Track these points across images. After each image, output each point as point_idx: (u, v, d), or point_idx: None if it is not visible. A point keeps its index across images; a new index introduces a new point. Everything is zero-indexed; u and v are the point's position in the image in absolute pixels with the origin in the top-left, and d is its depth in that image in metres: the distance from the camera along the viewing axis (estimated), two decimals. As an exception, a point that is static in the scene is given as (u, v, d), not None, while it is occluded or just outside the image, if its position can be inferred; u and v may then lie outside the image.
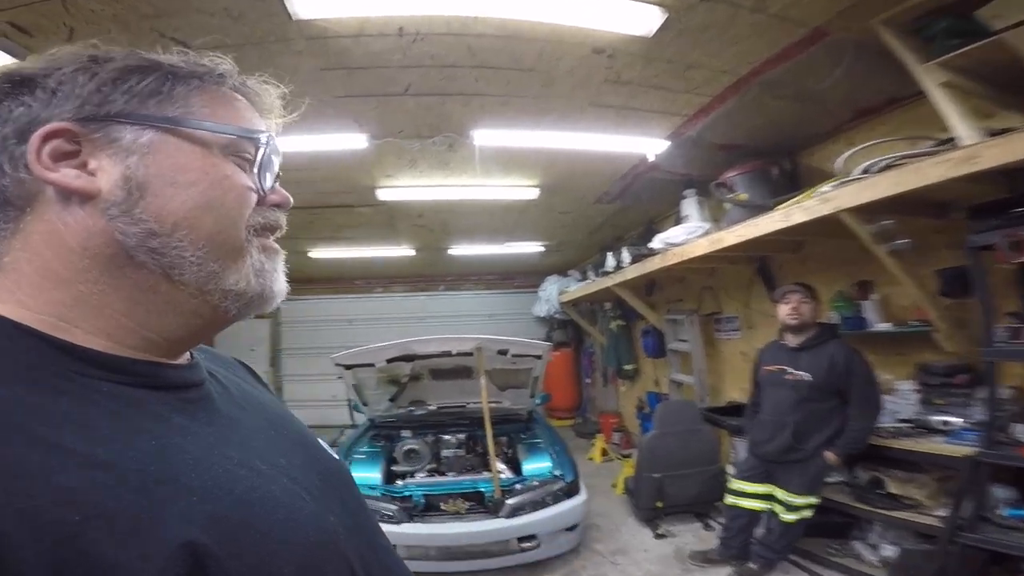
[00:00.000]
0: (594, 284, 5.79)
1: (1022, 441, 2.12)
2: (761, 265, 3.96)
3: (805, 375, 2.71)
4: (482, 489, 3.32)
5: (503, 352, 3.82)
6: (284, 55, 2.38)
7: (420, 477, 3.67)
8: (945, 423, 2.56)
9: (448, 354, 3.83)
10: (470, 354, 3.72)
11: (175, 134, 0.46)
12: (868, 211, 2.44)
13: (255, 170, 0.51)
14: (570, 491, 3.34)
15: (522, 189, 4.43)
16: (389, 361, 3.98)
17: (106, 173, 0.44)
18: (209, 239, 0.46)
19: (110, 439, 0.38)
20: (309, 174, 3.88)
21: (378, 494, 3.27)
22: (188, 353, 0.53)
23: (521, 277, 8.64)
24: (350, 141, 3.28)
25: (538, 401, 4.85)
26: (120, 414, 0.40)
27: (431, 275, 8.31)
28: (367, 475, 3.52)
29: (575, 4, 2.16)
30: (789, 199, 2.86)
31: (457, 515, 3.20)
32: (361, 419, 4.59)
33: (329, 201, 4.55)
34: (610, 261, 5.22)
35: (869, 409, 2.62)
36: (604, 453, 5.95)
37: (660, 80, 2.78)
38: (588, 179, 4.33)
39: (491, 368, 4.06)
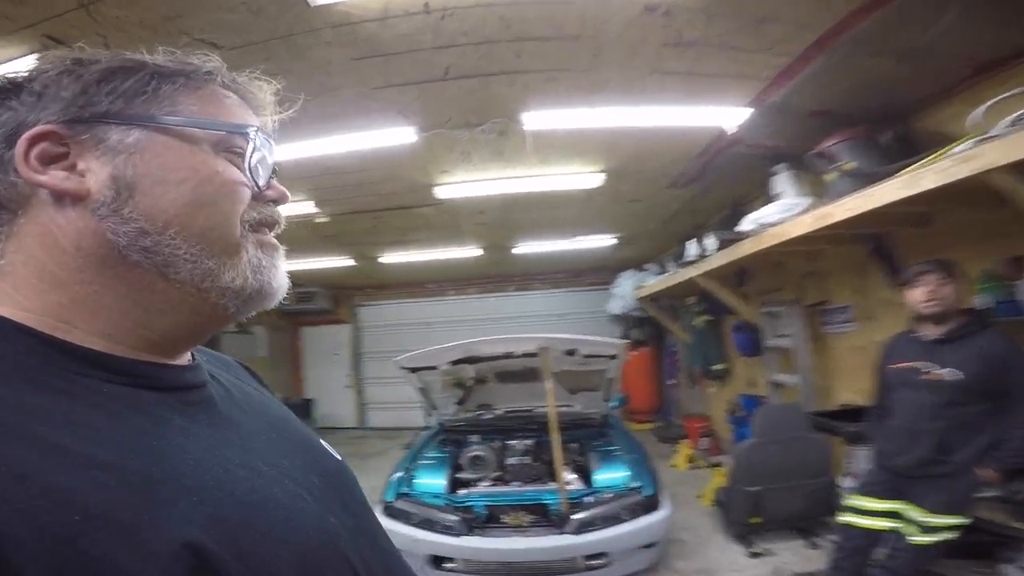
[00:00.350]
0: (674, 276, 5.27)
1: None
2: (878, 244, 3.28)
3: (950, 373, 2.12)
4: (547, 502, 3.03)
5: (571, 352, 3.49)
6: (314, 48, 2.25)
7: (484, 486, 3.43)
8: None
9: (511, 355, 3.56)
10: (536, 355, 3.41)
11: (162, 132, 0.45)
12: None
13: (246, 165, 0.49)
14: (649, 505, 2.97)
15: (585, 176, 4.07)
16: (453, 363, 3.80)
17: (95, 174, 0.43)
18: (202, 236, 0.45)
19: (111, 440, 0.38)
20: (364, 176, 3.81)
21: (441, 503, 3.09)
22: (190, 354, 0.53)
23: (592, 274, 8.24)
24: (398, 136, 3.13)
25: (614, 404, 4.47)
26: (121, 415, 0.40)
27: (501, 275, 8.17)
28: (432, 482, 3.35)
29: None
30: (912, 163, 2.27)
31: (519, 529, 2.93)
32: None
33: (389, 203, 4.48)
34: (692, 249, 4.69)
35: None
36: (690, 460, 5.45)
37: (729, 38, 2.35)
38: (658, 160, 3.89)
39: (559, 370, 3.76)
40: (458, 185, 4.10)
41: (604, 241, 6.35)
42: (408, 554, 2.91)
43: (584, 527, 2.81)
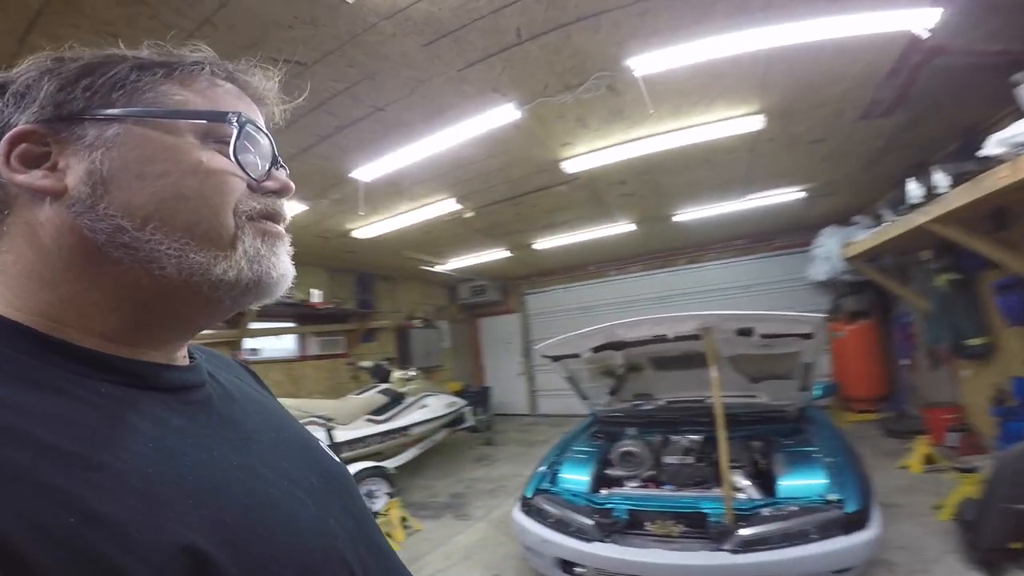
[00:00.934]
0: (895, 226, 4.00)
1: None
2: None
3: None
4: (706, 511, 2.53)
5: (746, 332, 2.85)
6: (384, 45, 2.22)
7: (631, 487, 3.06)
8: None
9: (663, 339, 3.08)
10: (698, 337, 2.89)
11: (141, 124, 0.44)
12: None
13: (231, 153, 0.47)
14: (851, 523, 2.31)
15: (737, 121, 3.30)
16: (596, 350, 3.48)
17: (72, 171, 0.43)
18: (188, 230, 0.44)
19: (108, 441, 0.37)
20: (489, 164, 3.75)
21: (579, 503, 2.83)
22: (188, 354, 0.53)
23: (784, 235, 6.87)
24: (502, 115, 2.94)
25: (817, 394, 3.61)
26: (118, 415, 0.40)
27: (667, 250, 7.41)
28: (575, 478, 3.14)
29: None
30: None
31: (666, 539, 2.51)
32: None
33: (523, 188, 4.35)
34: (914, 190, 3.52)
35: None
36: (928, 460, 4.20)
37: None
38: (835, 87, 2.97)
39: (735, 354, 3.18)
40: (586, 156, 3.72)
41: (791, 195, 5.18)
42: (537, 554, 2.79)
43: (751, 545, 2.30)
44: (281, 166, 0.52)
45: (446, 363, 8.37)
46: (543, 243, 6.26)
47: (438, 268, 7.11)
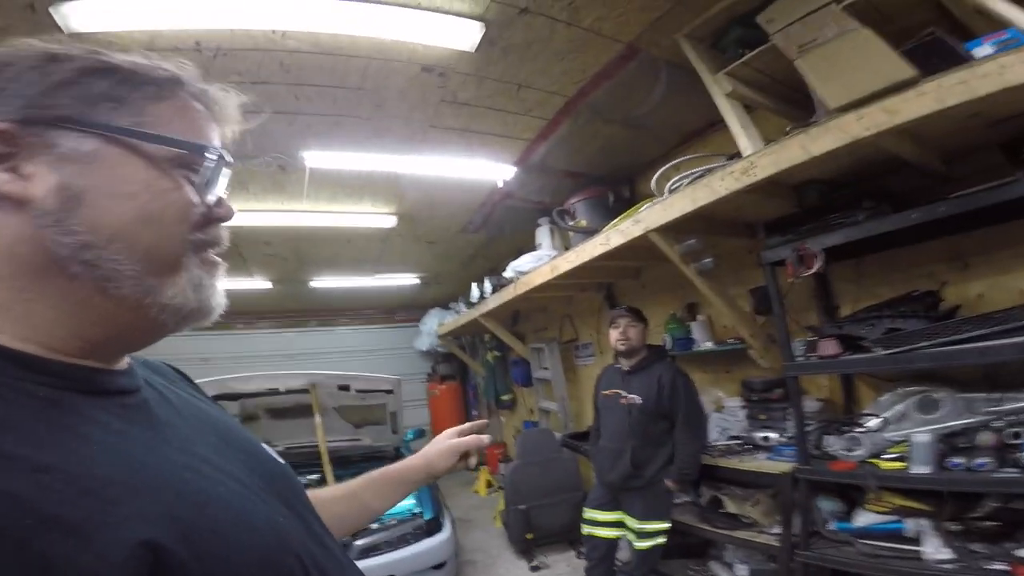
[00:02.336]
0: (463, 316, 5.49)
1: (834, 455, 2.06)
2: (608, 292, 3.91)
3: (636, 398, 2.55)
4: None
5: (344, 387, 3.35)
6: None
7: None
8: (766, 439, 2.52)
9: (277, 392, 3.28)
10: (307, 391, 3.20)
11: (121, 144, 0.43)
12: (676, 231, 2.38)
13: (201, 184, 0.47)
14: (431, 528, 3.02)
15: (377, 216, 4.04)
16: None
17: (42, 180, 0.41)
18: (147, 252, 0.43)
19: (52, 443, 0.36)
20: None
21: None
22: (124, 358, 0.50)
23: (403, 311, 8.13)
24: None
25: (409, 437, 4.47)
26: (59, 419, 0.38)
27: (299, 310, 7.52)
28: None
29: (392, 17, 1.98)
30: (609, 224, 2.77)
31: None
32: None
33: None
34: (475, 292, 4.96)
35: (693, 431, 2.50)
36: (489, 484, 5.61)
37: (496, 101, 2.65)
38: (448, 208, 4.08)
39: (339, 405, 3.66)
40: (237, 213, 3.68)
41: (409, 279, 6.34)
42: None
43: (367, 552, 2.78)
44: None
45: None
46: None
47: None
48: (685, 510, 2.79)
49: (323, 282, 6.00)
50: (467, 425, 0.98)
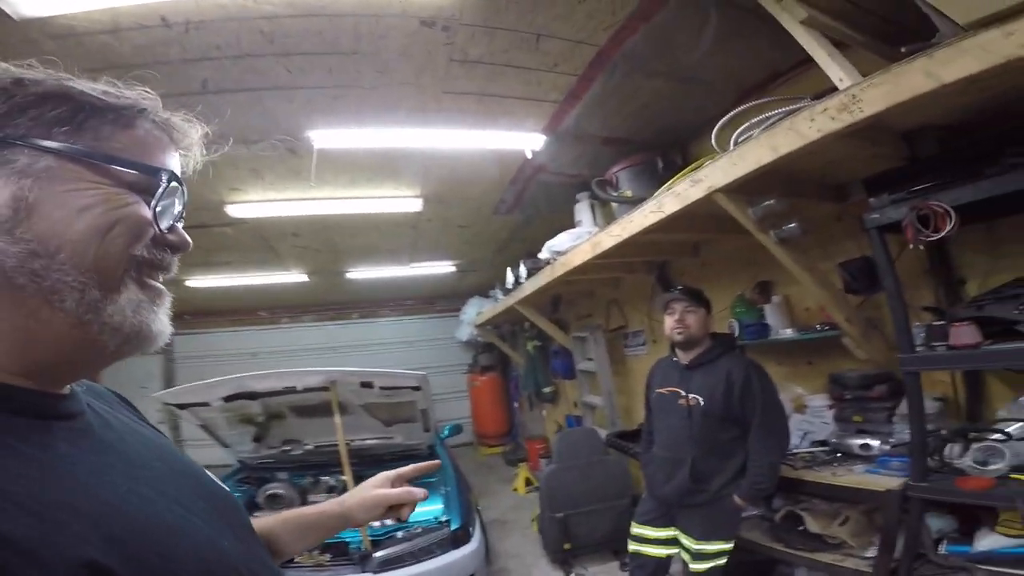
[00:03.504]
0: (500, 304, 5.14)
1: (961, 469, 1.57)
2: (660, 272, 3.43)
3: (698, 398, 2.09)
4: (346, 539, 2.66)
5: (368, 385, 3.10)
6: (36, 57, 1.68)
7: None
8: (865, 447, 2.01)
9: (293, 390, 3.07)
10: (327, 389, 2.97)
11: (76, 162, 0.44)
12: (747, 191, 1.90)
13: (153, 205, 0.48)
14: (457, 539, 2.73)
15: (402, 200, 3.75)
16: (228, 400, 3.21)
17: None
18: (93, 266, 0.44)
19: None
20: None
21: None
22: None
23: (443, 300, 7.93)
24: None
25: (444, 434, 4.23)
26: (5, 441, 0.39)
27: (340, 303, 7.46)
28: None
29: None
30: (662, 189, 2.30)
31: (318, 568, 2.56)
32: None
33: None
34: (509, 277, 4.59)
35: (773, 439, 2.02)
36: (528, 482, 5.26)
37: (513, 56, 2.25)
38: (476, 186, 3.72)
39: (365, 402, 3.39)
40: (257, 204, 3.50)
41: (446, 268, 6.07)
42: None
43: (387, 564, 2.55)
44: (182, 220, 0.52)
45: None
46: (199, 281, 5.36)
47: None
48: (752, 525, 2.34)
49: (359, 273, 5.83)
50: (408, 469, 0.90)
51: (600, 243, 2.70)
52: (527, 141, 2.95)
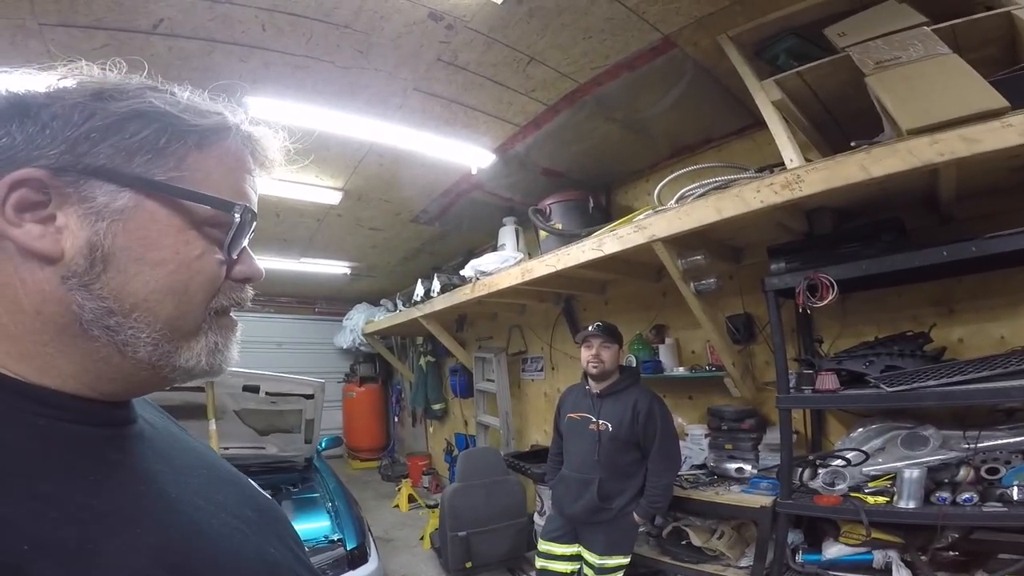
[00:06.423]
0: (401, 315, 4.96)
1: (815, 489, 1.93)
2: (567, 305, 3.65)
3: (605, 425, 2.27)
4: None
5: (252, 388, 2.74)
6: None
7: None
8: (739, 470, 2.37)
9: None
10: (201, 390, 2.56)
11: (154, 199, 0.41)
12: (681, 244, 2.18)
13: (226, 245, 0.46)
14: (354, 559, 2.49)
15: (320, 190, 3.46)
16: None
17: (72, 234, 0.39)
18: (168, 323, 0.42)
19: (48, 472, 0.36)
20: None
21: None
22: None
23: (324, 302, 7.35)
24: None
25: (323, 446, 3.85)
26: (55, 448, 0.38)
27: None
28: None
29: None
30: (603, 228, 2.51)
31: None
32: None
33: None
34: (419, 289, 4.49)
35: (669, 463, 2.27)
36: (411, 499, 5.07)
37: (498, 72, 2.30)
38: (405, 190, 3.59)
39: (242, 408, 3.01)
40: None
41: (338, 268, 5.65)
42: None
43: None
44: None
45: None
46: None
47: None
48: (641, 540, 2.56)
49: (238, 260, 5.14)
50: None
51: (532, 270, 2.81)
52: (476, 157, 2.98)
